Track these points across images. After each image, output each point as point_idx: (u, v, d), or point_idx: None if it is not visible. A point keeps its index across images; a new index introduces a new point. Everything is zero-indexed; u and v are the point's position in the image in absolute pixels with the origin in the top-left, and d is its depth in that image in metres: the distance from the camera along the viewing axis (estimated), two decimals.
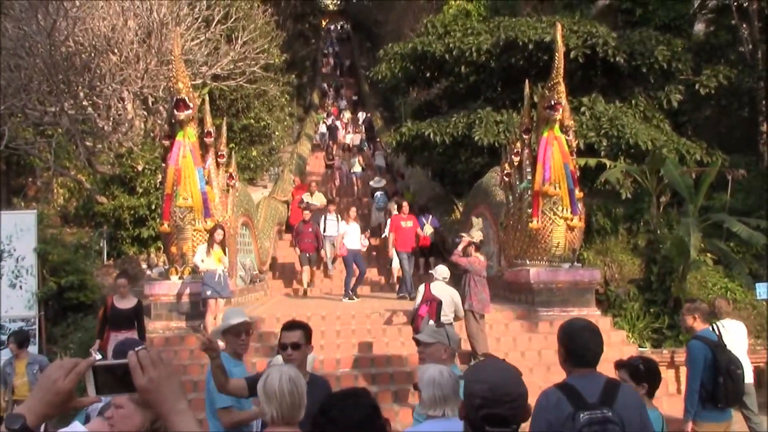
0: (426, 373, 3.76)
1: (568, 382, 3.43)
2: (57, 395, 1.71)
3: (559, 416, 3.26)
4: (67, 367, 1.73)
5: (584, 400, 3.28)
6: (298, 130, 32.49)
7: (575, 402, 3.27)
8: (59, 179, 19.01)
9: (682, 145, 15.91)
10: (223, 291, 11.03)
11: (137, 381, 1.72)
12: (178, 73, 11.59)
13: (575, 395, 3.31)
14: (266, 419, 3.24)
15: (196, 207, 11.90)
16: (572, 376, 3.46)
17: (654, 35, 16.64)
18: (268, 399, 3.19)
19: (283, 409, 3.17)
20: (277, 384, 3.19)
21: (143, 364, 1.73)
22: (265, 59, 21.05)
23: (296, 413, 3.21)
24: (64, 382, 1.71)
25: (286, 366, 3.50)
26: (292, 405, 3.18)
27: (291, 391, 3.19)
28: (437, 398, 3.63)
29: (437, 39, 18.87)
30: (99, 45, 16.41)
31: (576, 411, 3.23)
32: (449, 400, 3.64)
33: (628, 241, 14.12)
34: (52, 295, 12.50)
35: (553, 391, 3.39)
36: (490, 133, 16.48)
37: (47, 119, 16.72)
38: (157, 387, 1.73)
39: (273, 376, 3.25)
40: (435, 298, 9.44)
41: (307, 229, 16.13)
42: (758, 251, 13.51)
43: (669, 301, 12.50)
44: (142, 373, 1.73)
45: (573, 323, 3.68)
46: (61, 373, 1.72)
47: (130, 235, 15.88)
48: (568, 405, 3.27)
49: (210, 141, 12.81)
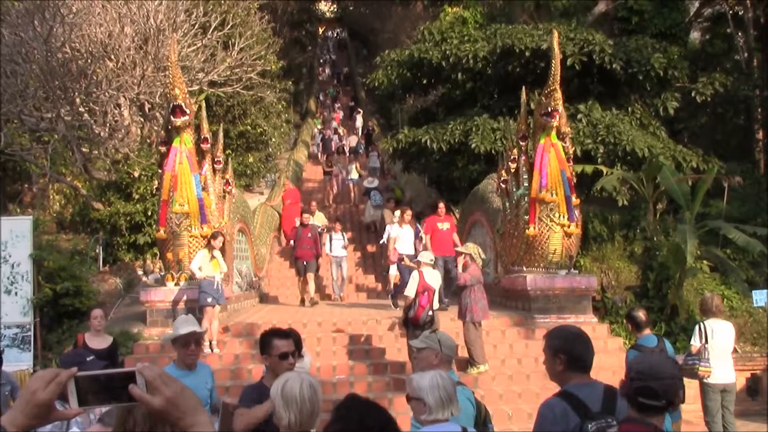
0: (424, 379, 3.76)
1: (570, 391, 3.39)
2: (37, 406, 1.65)
3: (566, 428, 3.24)
4: (47, 378, 1.67)
5: (589, 410, 3.27)
6: (294, 137, 32.49)
7: (580, 412, 3.26)
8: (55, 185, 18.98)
9: (678, 153, 15.94)
10: (219, 298, 11.02)
11: (152, 403, 1.67)
12: (175, 80, 11.59)
13: (580, 405, 3.29)
14: (282, 424, 3.19)
15: (193, 213, 11.88)
16: (571, 385, 3.42)
17: (650, 43, 16.70)
18: (286, 404, 3.16)
19: (302, 415, 3.15)
20: (297, 390, 3.17)
21: (155, 384, 1.67)
22: (262, 66, 21.05)
23: (313, 421, 3.20)
24: (43, 393, 1.64)
25: (304, 374, 3.45)
26: (311, 412, 3.18)
27: (311, 398, 3.17)
28: (444, 400, 3.65)
29: (434, 46, 18.90)
30: (96, 51, 16.39)
31: (583, 421, 3.23)
32: (453, 401, 3.69)
33: (624, 248, 14.13)
34: (47, 302, 12.45)
35: (557, 401, 3.36)
36: (486, 140, 16.49)
37: (43, 125, 16.68)
38: (174, 405, 1.69)
39: (293, 382, 3.22)
40: (430, 287, 9.50)
41: (306, 234, 15.11)
42: (755, 258, 13.52)
43: (666, 308, 12.51)
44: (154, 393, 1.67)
45: (567, 331, 3.68)
46: (41, 384, 1.66)
47: (126, 242, 15.84)
48: (575, 415, 3.25)
49: (207, 147, 12.79)
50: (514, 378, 10.31)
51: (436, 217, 14.03)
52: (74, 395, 1.69)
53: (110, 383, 1.71)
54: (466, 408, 4.31)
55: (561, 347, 3.51)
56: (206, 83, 18.92)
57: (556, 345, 3.54)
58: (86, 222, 16.80)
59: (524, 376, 10.18)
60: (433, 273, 9.84)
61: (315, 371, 9.88)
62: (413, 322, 9.47)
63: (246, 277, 14.94)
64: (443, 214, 14.07)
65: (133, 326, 12.21)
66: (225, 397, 9.86)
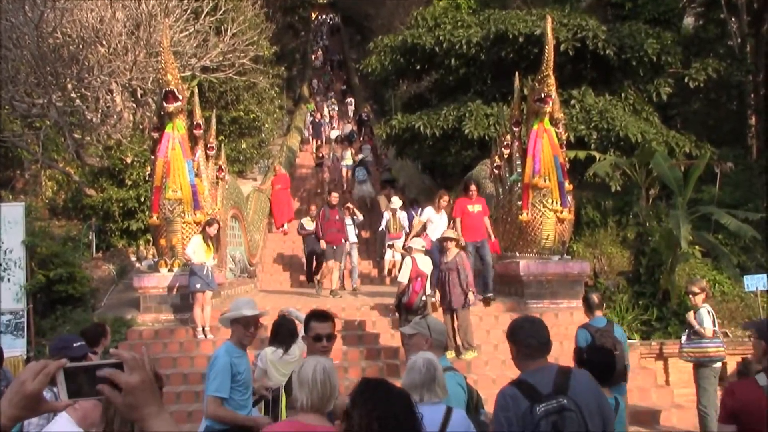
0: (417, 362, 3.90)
1: (521, 378, 3.54)
2: (25, 398, 1.66)
3: (517, 412, 3.37)
4: (36, 369, 1.68)
5: (539, 393, 3.39)
6: (287, 123, 32.37)
7: (530, 396, 3.38)
8: (47, 171, 18.89)
9: (671, 138, 15.98)
10: (211, 284, 11.02)
11: (127, 380, 1.68)
12: (167, 65, 11.54)
13: (529, 389, 3.41)
14: (297, 405, 3.37)
15: (186, 199, 11.86)
16: (525, 372, 3.56)
17: (643, 28, 16.69)
18: (300, 386, 3.35)
19: (313, 397, 3.31)
20: (311, 373, 3.35)
21: (132, 366, 1.69)
22: (255, 51, 20.93)
23: (326, 403, 3.37)
24: (32, 384, 1.66)
25: (323, 357, 3.65)
26: (323, 395, 3.34)
27: (323, 381, 3.34)
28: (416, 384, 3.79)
29: (427, 31, 18.84)
30: (87, 37, 16.29)
31: (532, 405, 3.34)
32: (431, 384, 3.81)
33: (617, 233, 14.18)
34: (40, 288, 12.43)
35: (508, 389, 3.50)
36: (480, 125, 16.50)
37: (35, 111, 16.60)
38: (144, 388, 1.70)
39: (308, 365, 3.43)
40: (423, 273, 9.65)
41: (334, 216, 14.09)
42: (746, 244, 13.60)
43: (658, 294, 12.57)
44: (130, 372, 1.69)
45: (516, 321, 3.83)
46: (30, 375, 1.67)
47: (119, 228, 15.81)
48: (524, 400, 3.38)
49: (199, 133, 12.76)
50: (507, 363, 10.34)
51: (467, 199, 12.45)
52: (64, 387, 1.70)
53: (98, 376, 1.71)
54: (457, 393, 4.35)
55: (510, 337, 3.68)
56: (199, 69, 18.83)
57: (508, 335, 3.71)
58: (79, 208, 16.76)
59: None
60: (425, 259, 9.91)
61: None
62: (407, 308, 9.57)
63: (239, 264, 14.94)
64: (475, 196, 12.47)
65: (126, 312, 12.21)
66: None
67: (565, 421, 3.32)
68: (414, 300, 9.53)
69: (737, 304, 12.45)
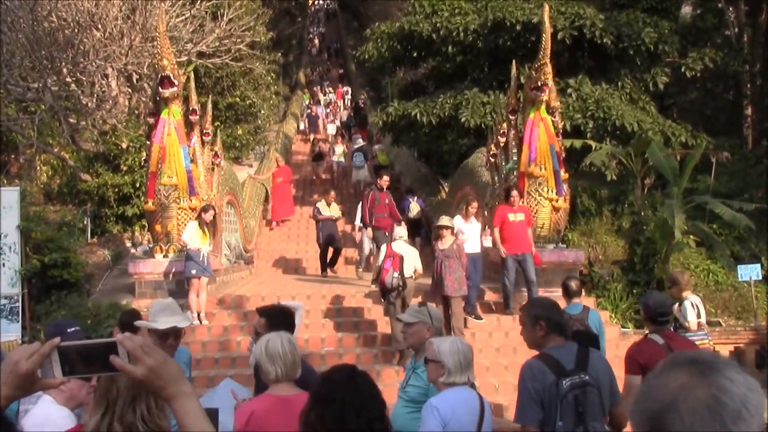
0: (444, 343, 4.01)
1: (546, 352, 3.82)
2: (19, 377, 1.68)
3: (543, 384, 3.66)
4: (30, 349, 1.70)
5: (563, 368, 3.69)
6: (284, 109, 32.32)
7: (556, 370, 3.68)
8: (42, 156, 18.82)
9: (667, 128, 15.99)
10: (206, 270, 11.03)
11: (134, 372, 1.70)
12: (163, 50, 11.49)
13: (555, 364, 3.71)
14: (270, 378, 3.64)
15: (181, 185, 11.85)
16: (548, 348, 3.84)
17: (641, 17, 16.65)
18: (271, 360, 3.62)
19: (287, 367, 3.61)
20: (279, 346, 3.65)
21: (136, 354, 1.70)
22: (251, 37, 20.85)
23: (296, 371, 3.68)
24: (26, 364, 1.67)
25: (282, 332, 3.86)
26: (294, 364, 3.65)
27: (291, 351, 3.66)
28: (462, 365, 3.93)
29: (424, 18, 18.78)
30: (82, 21, 16.19)
31: (558, 378, 3.64)
32: (471, 366, 4.00)
33: (612, 222, 14.23)
34: (35, 273, 12.42)
35: (534, 361, 3.80)
36: (476, 114, 16.47)
37: (30, 95, 16.51)
38: (157, 374, 1.71)
39: (273, 340, 3.69)
40: (397, 254, 10.00)
41: (384, 200, 13.30)
42: (740, 233, 13.65)
43: (652, 283, 12.63)
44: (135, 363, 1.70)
45: (545, 300, 4.33)
46: (24, 355, 1.69)
47: (114, 213, 15.78)
48: (550, 373, 3.67)
49: (195, 119, 12.72)
50: (501, 350, 10.41)
51: (508, 207, 11.28)
52: (58, 365, 1.72)
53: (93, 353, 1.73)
54: None
55: (541, 315, 3.93)
56: (195, 54, 18.74)
57: (536, 313, 3.97)
58: (74, 193, 16.71)
59: (511, 348, 10.27)
60: (402, 244, 10.32)
61: (303, 343, 9.95)
62: (381, 287, 10.02)
63: (235, 250, 14.94)
64: (517, 204, 11.32)
65: (121, 298, 12.21)
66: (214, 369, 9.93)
67: (587, 395, 3.66)
68: (384, 277, 9.83)
69: (731, 294, 12.52)
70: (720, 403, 1.23)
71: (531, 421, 3.67)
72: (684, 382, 1.28)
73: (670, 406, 1.26)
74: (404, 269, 9.91)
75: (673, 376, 1.31)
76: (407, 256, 10.09)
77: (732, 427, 1.22)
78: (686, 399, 1.25)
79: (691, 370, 1.30)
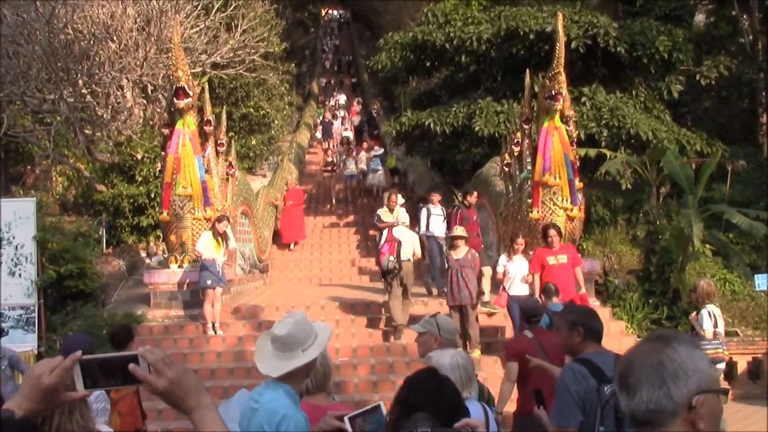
0: (444, 358, 3.91)
1: (586, 357, 3.88)
2: (42, 391, 1.70)
3: (586, 388, 3.72)
4: (52, 363, 1.72)
5: (605, 374, 3.71)
6: (297, 119, 32.42)
7: (597, 376, 3.73)
8: (58, 167, 18.97)
9: (682, 136, 15.89)
10: (221, 280, 11.06)
11: (156, 384, 1.71)
12: (178, 61, 11.58)
13: (597, 370, 3.76)
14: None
15: (196, 196, 11.91)
16: (587, 353, 3.90)
17: (655, 25, 16.57)
18: None
19: (317, 378, 3.61)
20: None
21: (157, 367, 1.71)
22: (265, 48, 20.95)
23: (327, 382, 3.72)
24: (49, 378, 1.69)
25: None
26: (324, 375, 3.65)
27: (322, 363, 3.60)
28: (463, 380, 3.83)
29: (437, 28, 18.78)
30: (98, 32, 16.34)
31: (600, 384, 3.69)
32: (472, 380, 3.93)
33: (627, 231, 14.13)
34: (51, 283, 12.49)
35: (576, 365, 3.86)
36: (490, 123, 16.43)
37: (46, 107, 16.66)
38: (178, 386, 1.72)
39: None
40: (396, 239, 10.70)
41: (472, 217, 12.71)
42: (757, 242, 13.52)
43: (668, 292, 12.53)
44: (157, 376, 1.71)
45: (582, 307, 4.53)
46: (46, 369, 1.71)
47: (129, 224, 15.87)
48: (592, 378, 3.73)
49: (209, 129, 12.79)
50: None
51: (546, 250, 10.12)
52: (80, 378, 1.73)
53: (114, 366, 1.74)
54: None
55: (579, 321, 4.01)
56: (209, 65, 18.86)
57: (574, 319, 4.04)
58: (89, 204, 16.83)
59: None
60: (402, 229, 11.18)
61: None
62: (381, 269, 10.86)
63: (249, 260, 14.98)
64: (557, 244, 10.09)
65: (136, 308, 12.26)
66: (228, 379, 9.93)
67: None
68: (381, 259, 10.65)
69: (748, 303, 12.40)
70: (662, 366, 1.70)
71: (573, 424, 3.73)
72: (645, 350, 1.77)
73: (630, 366, 1.75)
74: (403, 252, 10.57)
75: (641, 346, 1.81)
76: (406, 240, 10.79)
77: (669, 383, 1.68)
78: (641, 361, 1.74)
79: (653, 343, 1.78)
